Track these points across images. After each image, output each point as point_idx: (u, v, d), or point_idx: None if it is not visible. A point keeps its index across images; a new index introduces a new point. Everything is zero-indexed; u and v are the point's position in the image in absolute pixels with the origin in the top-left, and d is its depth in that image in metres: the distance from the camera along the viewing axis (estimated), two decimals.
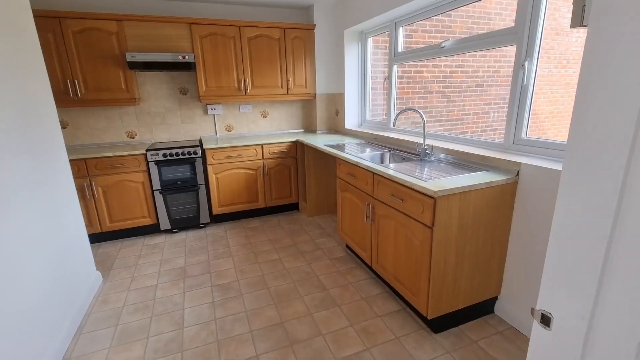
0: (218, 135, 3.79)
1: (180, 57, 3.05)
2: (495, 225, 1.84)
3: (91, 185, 2.90)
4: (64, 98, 2.89)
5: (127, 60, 2.89)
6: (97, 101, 3.00)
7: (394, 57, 3.00)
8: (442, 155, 2.29)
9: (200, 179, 3.25)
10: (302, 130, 4.17)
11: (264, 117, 3.95)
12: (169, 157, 3.09)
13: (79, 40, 2.84)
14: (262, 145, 3.43)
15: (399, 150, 2.66)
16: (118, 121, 3.37)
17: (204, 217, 3.35)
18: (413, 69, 4.57)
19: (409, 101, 4.65)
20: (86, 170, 2.87)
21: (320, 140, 3.30)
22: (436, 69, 4.76)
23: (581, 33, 5.56)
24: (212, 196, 3.35)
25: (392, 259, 2.07)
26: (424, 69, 4.67)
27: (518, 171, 1.78)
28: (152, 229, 3.27)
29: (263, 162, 3.48)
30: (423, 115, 2.29)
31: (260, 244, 3.02)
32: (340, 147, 2.89)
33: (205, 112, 3.68)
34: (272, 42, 3.47)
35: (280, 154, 3.53)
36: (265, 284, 2.40)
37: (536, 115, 6.17)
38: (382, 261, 2.19)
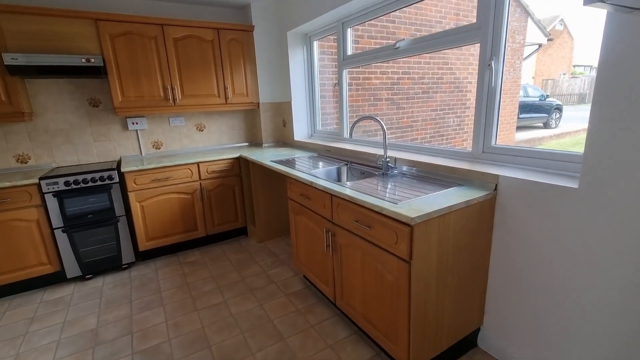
0: (144, 154, 3.18)
1: (84, 60, 2.44)
2: (475, 249, 1.59)
3: None
4: None
5: (6, 63, 2.22)
6: None
7: (344, 60, 2.72)
8: (405, 168, 2.03)
9: (120, 210, 2.63)
10: (247, 143, 3.72)
11: (200, 130, 3.43)
12: (73, 186, 2.43)
13: None
14: (197, 163, 2.91)
15: (357, 164, 2.35)
16: (1, 142, 2.62)
17: (127, 256, 2.72)
18: (361, 76, 4.39)
19: (359, 109, 4.45)
20: None
21: (267, 155, 2.89)
22: (384, 76, 4.64)
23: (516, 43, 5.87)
24: (136, 229, 2.74)
25: (360, 296, 1.72)
26: (372, 76, 4.52)
27: (496, 185, 1.55)
28: (56, 278, 2.55)
29: (200, 183, 2.95)
30: (383, 125, 2.02)
31: (201, 284, 2.49)
32: (290, 163, 2.50)
33: (125, 127, 3.05)
34: (204, 44, 3.00)
35: (221, 172, 3.03)
36: (207, 340, 1.90)
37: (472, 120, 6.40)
38: (348, 298, 1.83)
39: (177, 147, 3.34)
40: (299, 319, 2.05)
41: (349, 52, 2.69)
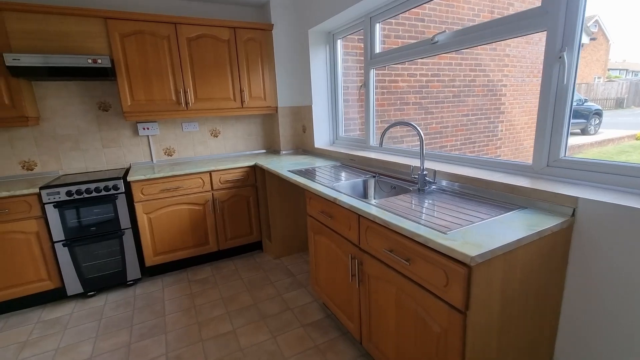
0: (155, 161, 2.99)
1: (90, 61, 2.27)
2: (544, 291, 1.24)
3: None
4: None
5: (7, 64, 2.07)
6: None
7: (371, 59, 2.43)
8: (445, 183, 1.70)
9: (125, 222, 2.43)
10: (264, 150, 3.48)
11: (214, 136, 3.22)
12: (75, 196, 2.25)
13: None
14: (210, 172, 2.69)
15: (387, 176, 2.04)
16: (7, 148, 2.49)
17: (133, 272, 2.51)
18: (387, 79, 4.08)
19: (385, 114, 4.14)
20: None
21: (285, 164, 2.62)
22: (412, 78, 4.31)
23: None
24: (143, 243, 2.53)
25: (394, 342, 1.40)
26: (399, 79, 4.20)
27: (574, 210, 1.21)
28: (56, 295, 2.37)
29: (213, 194, 2.72)
30: (420, 131, 1.70)
31: (209, 307, 2.23)
32: (310, 173, 2.22)
33: (136, 132, 2.88)
34: (220, 44, 2.79)
35: (234, 182, 2.80)
36: None
37: (512, 125, 5.93)
38: (378, 341, 1.52)
39: (190, 154, 3.14)
40: (317, 358, 1.75)
41: (377, 49, 2.40)
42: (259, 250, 3.11)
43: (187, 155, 3.12)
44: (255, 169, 2.87)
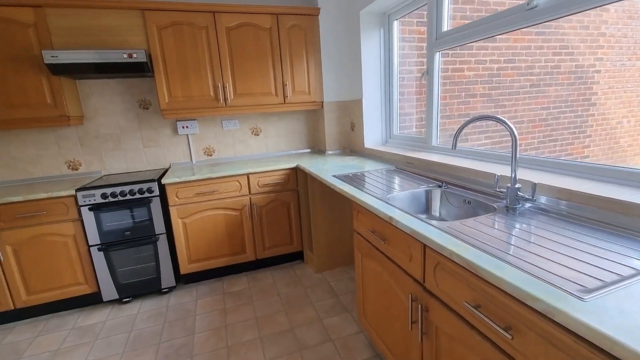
0: (194, 162, 2.85)
1: (125, 56, 2.13)
2: None
3: None
4: None
5: (46, 61, 2.00)
6: (9, 122, 2.12)
7: (437, 39, 1.98)
8: (544, 199, 1.22)
9: (160, 227, 2.29)
10: (309, 150, 3.18)
11: (255, 135, 2.99)
12: (110, 199, 2.15)
13: None
14: (247, 175, 2.45)
15: (458, 187, 1.60)
16: (54, 148, 2.49)
17: (168, 280, 2.37)
18: (450, 67, 3.52)
19: (446, 108, 3.59)
20: None
21: (330, 167, 2.28)
22: (480, 66, 3.69)
23: None
24: (178, 250, 2.37)
25: None
26: (465, 67, 3.61)
27: None
28: (93, 300, 2.31)
29: (250, 198, 2.48)
30: (513, 128, 1.24)
31: (241, 328, 1.99)
32: (358, 180, 1.85)
33: (176, 131, 2.75)
34: (261, 33, 2.53)
35: (274, 186, 2.53)
36: None
37: (605, 120, 4.94)
38: None
39: (230, 154, 2.95)
40: None
41: (446, 26, 1.93)
42: (300, 260, 2.82)
43: (227, 155, 2.94)
44: (296, 172, 2.57)
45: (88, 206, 2.11)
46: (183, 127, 2.73)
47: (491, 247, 0.93)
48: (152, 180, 2.23)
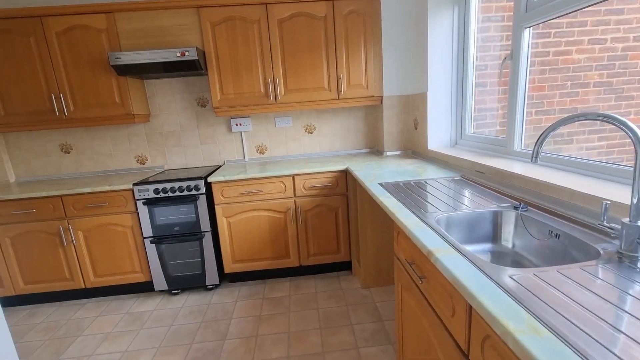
0: (247, 160, 2.83)
1: (178, 54, 2.16)
2: None
3: (69, 228, 2.23)
4: (50, 117, 2.31)
5: (111, 63, 2.14)
6: (87, 120, 2.35)
7: (527, 11, 1.50)
8: None
9: (205, 225, 2.30)
10: (366, 150, 2.89)
11: (308, 133, 2.83)
12: (161, 194, 2.23)
13: (64, 43, 2.23)
14: (292, 176, 2.30)
15: (542, 210, 1.16)
16: (126, 144, 2.71)
17: (212, 277, 2.38)
18: (552, 49, 2.81)
19: (544, 101, 2.89)
20: (63, 210, 2.21)
21: (382, 171, 1.98)
22: (597, 46, 2.87)
23: None
24: (222, 248, 2.36)
25: None
26: (573, 48, 2.85)
27: None
28: (147, 288, 2.46)
29: (295, 201, 2.33)
30: (638, 132, 0.80)
31: (271, 342, 1.85)
32: (410, 190, 1.52)
33: (230, 128, 2.76)
34: (315, 23, 2.33)
35: (321, 189, 2.33)
36: None
37: None
38: None
39: (283, 153, 2.84)
40: None
41: None
42: (348, 271, 2.58)
43: (279, 154, 2.84)
44: (346, 175, 2.33)
45: (142, 200, 2.22)
46: (236, 125, 2.72)
47: (589, 338, 0.56)
48: (200, 178, 2.24)
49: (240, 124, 2.72)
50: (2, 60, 2.22)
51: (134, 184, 2.21)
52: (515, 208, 1.23)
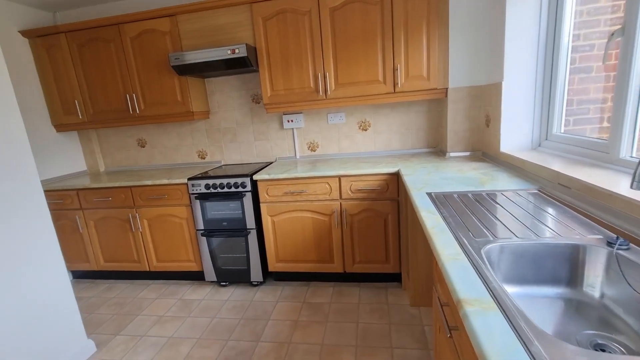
0: (298, 157, 2.76)
1: (229, 52, 2.17)
2: None
3: (136, 217, 2.46)
4: (125, 115, 2.57)
5: (171, 64, 2.26)
6: (154, 117, 2.55)
7: None
8: None
9: (250, 222, 2.31)
10: (428, 149, 2.57)
11: (363, 130, 2.63)
12: (212, 190, 2.30)
13: (136, 46, 2.43)
14: (339, 177, 2.15)
15: None
16: (189, 139, 2.89)
17: (256, 274, 2.39)
18: None
19: None
20: (132, 200, 2.45)
21: (437, 176, 1.70)
22: None
23: None
24: (267, 247, 2.35)
25: None
26: None
27: None
28: (200, 277, 2.60)
29: (341, 204, 2.18)
30: None
31: (302, 353, 1.76)
32: (462, 204, 1.25)
33: (282, 125, 2.72)
34: (371, 9, 2.11)
35: (369, 193, 2.13)
36: None
37: None
38: None
39: (334, 150, 2.70)
40: None
41: None
42: (397, 283, 2.34)
43: (331, 152, 2.71)
44: (398, 178, 2.08)
45: (195, 195, 2.32)
46: (288, 121, 2.66)
47: None
48: (246, 176, 2.25)
49: (292, 121, 2.66)
50: (92, 66, 2.53)
51: (189, 179, 2.32)
52: (610, 243, 0.89)
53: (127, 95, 2.51)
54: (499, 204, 1.26)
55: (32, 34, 2.51)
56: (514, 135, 1.88)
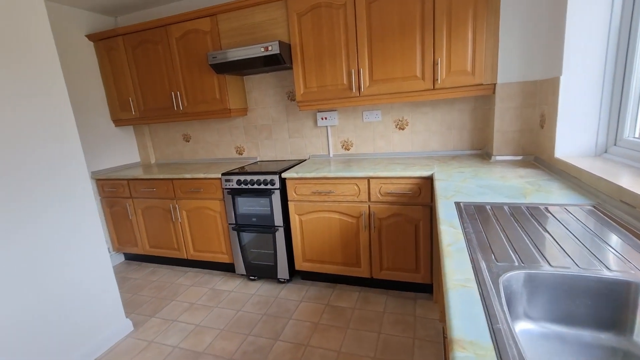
0: (331, 155, 2.70)
1: (262, 50, 2.18)
2: None
3: (176, 207, 2.62)
4: (171, 112, 2.73)
5: (209, 63, 2.34)
6: (196, 114, 2.67)
7: None
8: None
9: (278, 219, 2.31)
10: (473, 151, 2.35)
11: (400, 129, 2.48)
12: (242, 186, 2.34)
13: (181, 46, 2.56)
14: (368, 179, 2.05)
15: None
16: (228, 135, 2.98)
17: (283, 271, 2.40)
18: None
19: None
20: (173, 192, 2.61)
21: (474, 183, 1.52)
22: None
23: None
24: (294, 245, 2.34)
25: None
26: None
27: None
28: (231, 269, 2.68)
29: (369, 206, 2.08)
30: None
31: (318, 358, 1.72)
32: (497, 220, 1.09)
33: (316, 122, 2.68)
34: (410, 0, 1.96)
35: (399, 197, 2.00)
36: None
37: None
38: None
39: (369, 150, 2.59)
40: None
41: None
42: (428, 294, 2.17)
43: (366, 151, 2.60)
44: (432, 182, 1.92)
45: (227, 190, 2.39)
46: (322, 119, 2.61)
47: None
48: (275, 173, 2.25)
49: (326, 118, 2.60)
50: (143, 66, 2.72)
51: (222, 174, 2.40)
52: None
53: (172, 93, 2.67)
54: (539, 221, 1.08)
55: (96, 38, 2.78)
56: (574, 139, 1.61)
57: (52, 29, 2.55)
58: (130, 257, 3.12)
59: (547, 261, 0.83)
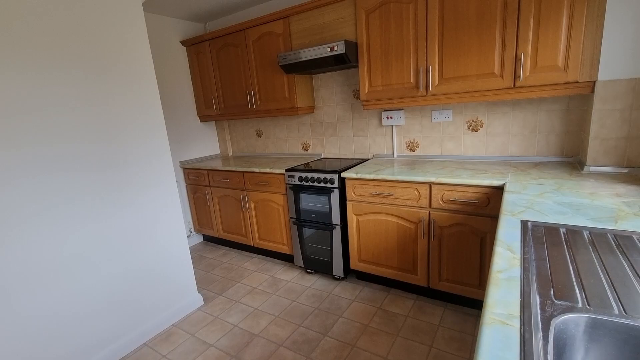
0: (395, 156, 2.61)
1: (328, 49, 2.20)
2: None
3: (245, 198, 2.85)
4: (246, 110, 2.96)
5: (279, 63, 2.45)
6: (267, 111, 2.85)
7: None
8: None
9: (336, 218, 2.34)
10: (562, 159, 2.03)
11: (473, 130, 2.27)
12: (304, 183, 2.43)
13: (256, 49, 2.74)
14: (429, 184, 1.93)
15: None
16: (296, 131, 3.11)
17: (337, 269, 2.44)
18: None
19: None
20: (244, 183, 2.84)
21: (557, 200, 1.33)
22: None
23: None
24: (350, 244, 2.36)
25: None
26: None
27: None
28: (290, 260, 2.82)
29: (429, 213, 1.97)
30: None
31: None
32: (570, 246, 0.94)
33: (381, 121, 2.61)
34: None
35: (463, 205, 1.85)
36: None
37: None
38: None
39: (436, 152, 2.44)
40: None
41: None
42: None
43: (432, 153, 2.45)
44: (502, 193, 1.72)
45: (290, 185, 2.51)
46: (387, 118, 2.54)
47: None
48: (335, 172, 2.28)
49: (391, 117, 2.52)
50: (224, 67, 3.00)
51: (286, 170, 2.52)
52: None
53: (248, 92, 2.88)
54: (625, 254, 0.90)
55: (188, 43, 3.15)
56: None
57: (154, 37, 2.97)
58: (208, 239, 3.51)
59: (623, 307, 0.69)
